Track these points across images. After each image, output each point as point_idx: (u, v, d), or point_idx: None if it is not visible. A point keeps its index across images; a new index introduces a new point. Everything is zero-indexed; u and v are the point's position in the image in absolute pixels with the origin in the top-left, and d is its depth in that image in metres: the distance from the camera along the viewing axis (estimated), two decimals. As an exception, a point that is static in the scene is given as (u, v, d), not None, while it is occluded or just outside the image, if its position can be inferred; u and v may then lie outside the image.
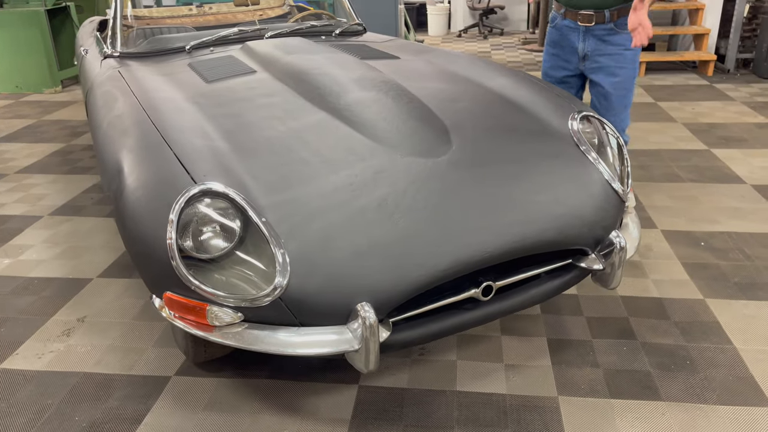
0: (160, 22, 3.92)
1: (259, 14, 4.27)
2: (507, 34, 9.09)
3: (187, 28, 3.64)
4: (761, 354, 2.06)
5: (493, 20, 9.43)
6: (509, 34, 9.14)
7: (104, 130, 2.08)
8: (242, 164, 1.72)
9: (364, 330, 1.42)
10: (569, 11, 2.57)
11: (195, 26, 3.96)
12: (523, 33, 9.07)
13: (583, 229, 1.72)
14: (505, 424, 1.81)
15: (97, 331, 2.31)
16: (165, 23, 3.97)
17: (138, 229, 1.61)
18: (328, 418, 1.85)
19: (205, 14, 4.21)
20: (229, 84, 2.29)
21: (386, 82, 2.12)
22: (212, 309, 1.51)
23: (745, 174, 3.64)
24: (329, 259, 1.51)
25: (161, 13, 4.05)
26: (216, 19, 4.19)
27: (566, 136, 2.00)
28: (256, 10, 4.27)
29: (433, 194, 1.66)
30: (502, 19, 9.48)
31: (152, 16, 3.97)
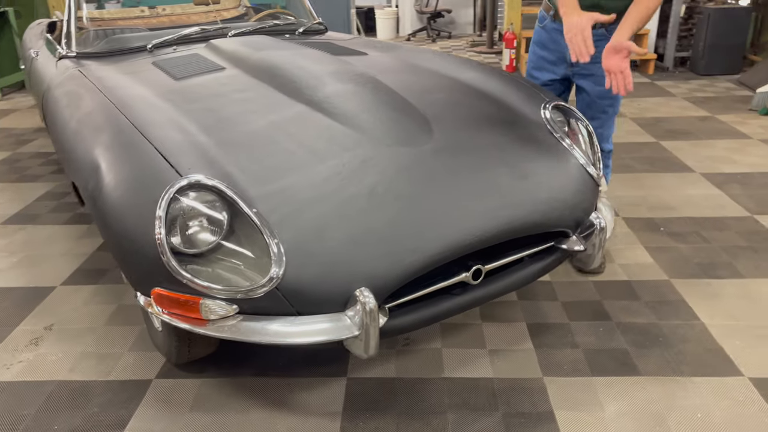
0: (113, 23, 3.81)
1: (214, 15, 4.22)
2: (455, 37, 9.24)
3: (140, 30, 3.56)
4: (727, 328, 2.17)
5: (440, 24, 9.57)
6: (457, 37, 9.30)
7: (73, 129, 2.01)
8: (226, 157, 1.70)
9: (364, 315, 1.43)
10: (559, 14, 2.32)
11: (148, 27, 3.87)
12: (471, 36, 9.24)
13: (565, 211, 1.77)
14: (495, 407, 1.84)
15: (67, 339, 2.22)
16: (118, 24, 3.87)
17: (122, 226, 1.57)
18: (320, 411, 1.84)
19: (158, 15, 4.12)
20: (199, 81, 2.25)
21: (362, 75, 2.13)
22: (206, 302, 1.48)
23: (693, 164, 3.82)
24: (324, 248, 1.50)
25: (113, 14, 3.94)
26: (170, 21, 4.10)
27: (540, 124, 2.05)
28: (210, 12, 4.21)
29: (420, 181, 1.68)
30: (449, 23, 9.64)
31: (104, 18, 3.85)
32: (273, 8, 5.45)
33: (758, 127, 4.51)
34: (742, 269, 2.56)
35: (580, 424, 1.76)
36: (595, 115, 2.40)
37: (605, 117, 2.40)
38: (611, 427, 1.74)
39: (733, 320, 2.21)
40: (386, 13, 9.35)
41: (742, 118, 4.74)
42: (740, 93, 5.54)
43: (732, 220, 3.02)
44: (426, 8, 9.17)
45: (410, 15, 9.61)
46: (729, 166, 3.75)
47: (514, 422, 1.77)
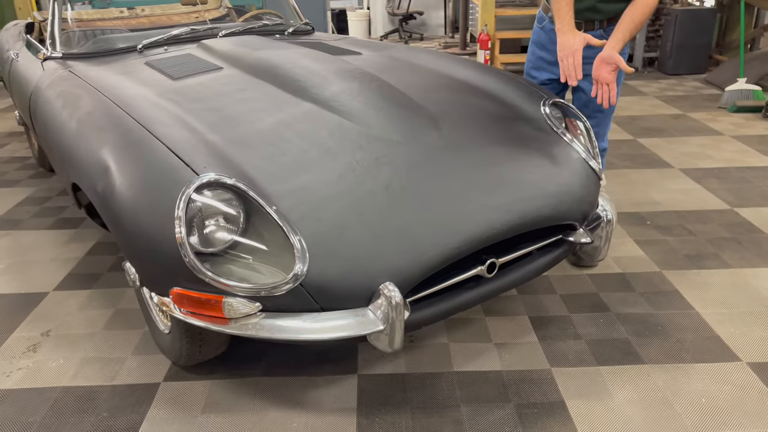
0: (93, 24, 3.74)
1: (195, 16, 4.17)
2: (427, 39, 9.31)
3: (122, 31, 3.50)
4: (721, 315, 2.24)
5: (412, 26, 9.63)
6: (429, 39, 9.36)
7: (74, 129, 1.97)
8: (238, 155, 1.69)
9: (390, 309, 1.44)
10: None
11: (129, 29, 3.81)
12: (443, 38, 9.32)
13: (573, 204, 1.82)
14: (506, 398, 1.87)
15: (66, 344, 2.18)
16: (98, 25, 3.80)
17: (138, 226, 1.55)
18: (334, 408, 1.84)
19: (137, 16, 4.06)
20: (198, 80, 2.23)
21: (365, 74, 2.14)
22: (228, 301, 1.47)
23: (671, 159, 3.93)
24: (346, 243, 1.51)
25: (92, 15, 3.87)
26: (150, 22, 4.04)
27: (540, 120, 2.10)
28: (191, 12, 4.16)
29: (434, 176, 1.70)
30: (420, 25, 9.70)
31: (83, 19, 3.78)
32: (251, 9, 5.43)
33: (729, 124, 4.66)
34: (728, 259, 2.65)
35: (592, 413, 1.80)
36: (591, 114, 2.44)
37: (601, 116, 2.44)
38: (621, 415, 1.79)
39: (725, 308, 2.29)
40: (358, 15, 9.36)
41: (712, 116, 4.89)
42: (708, 91, 5.72)
43: (714, 213, 3.13)
44: (398, 10, 9.21)
45: (382, 17, 9.65)
46: (705, 162, 3.87)
47: (527, 413, 1.81)
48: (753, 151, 4.05)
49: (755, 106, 4.88)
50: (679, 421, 1.76)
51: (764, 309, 2.28)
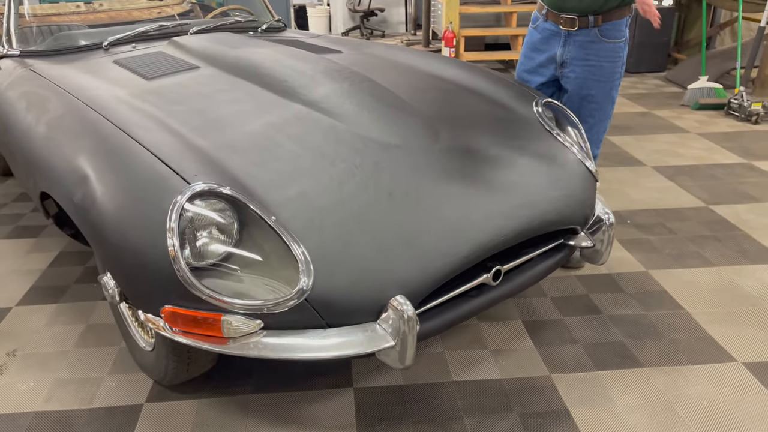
0: (48, 19, 3.52)
1: (157, 11, 3.99)
2: (388, 36, 9.24)
3: (80, 26, 3.32)
4: (710, 315, 2.25)
5: (373, 23, 9.54)
6: (390, 36, 9.30)
7: (42, 134, 1.82)
8: (230, 162, 1.59)
9: (402, 324, 1.36)
10: (551, 13, 2.36)
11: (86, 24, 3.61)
12: (404, 35, 9.27)
13: (576, 208, 1.78)
14: (509, 408, 1.82)
15: (35, 365, 2.02)
16: (53, 21, 3.58)
17: (124, 240, 1.43)
18: (333, 425, 1.76)
19: (95, 11, 3.85)
20: (174, 81, 2.10)
21: (355, 74, 2.05)
22: (227, 319, 1.37)
23: (643, 157, 3.97)
24: (351, 255, 1.42)
25: (46, 10, 3.64)
26: (109, 17, 3.84)
27: (534, 121, 2.05)
28: (153, 8, 3.98)
29: (437, 181, 1.63)
30: (381, 22, 9.62)
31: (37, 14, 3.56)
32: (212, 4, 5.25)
33: (693, 121, 4.75)
34: (710, 258, 2.67)
35: (596, 420, 1.76)
36: (583, 119, 2.41)
37: (592, 122, 2.40)
38: (626, 421, 1.76)
39: (714, 308, 2.30)
40: (318, 11, 9.22)
41: (677, 113, 4.98)
42: (670, 89, 5.83)
43: (690, 210, 3.16)
44: (358, 7, 9.11)
45: (342, 13, 9.53)
46: (676, 159, 3.92)
47: (532, 423, 1.76)
48: (719, 148, 4.12)
49: (717, 104, 4.99)
50: (683, 426, 1.74)
51: (751, 308, 2.29)
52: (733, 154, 4.00)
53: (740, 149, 4.08)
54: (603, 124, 2.47)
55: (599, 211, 1.87)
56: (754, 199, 3.27)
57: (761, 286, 2.43)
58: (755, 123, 4.62)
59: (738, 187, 3.44)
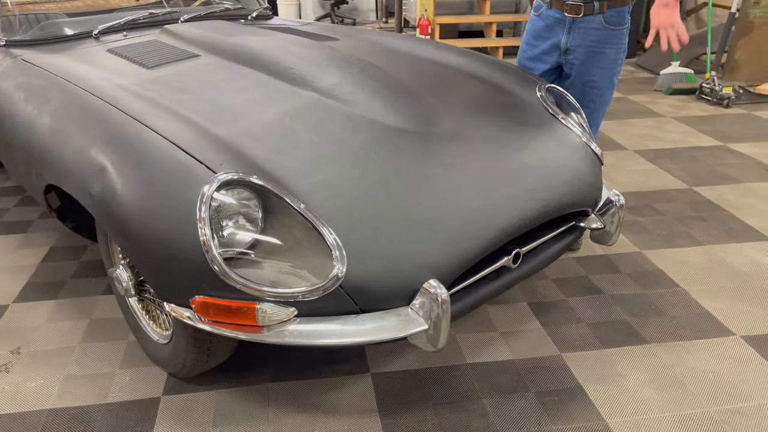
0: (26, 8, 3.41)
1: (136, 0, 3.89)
2: (360, 24, 9.19)
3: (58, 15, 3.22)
4: (705, 292, 2.33)
5: (344, 11, 9.48)
6: (362, 23, 9.26)
7: (47, 126, 1.78)
8: (251, 150, 1.57)
9: (436, 307, 1.38)
10: (556, 0, 2.35)
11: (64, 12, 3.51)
12: (376, 22, 9.24)
13: (587, 190, 1.82)
14: (525, 387, 1.86)
15: (42, 362, 1.98)
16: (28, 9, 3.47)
17: (150, 232, 1.41)
18: (355, 410, 1.77)
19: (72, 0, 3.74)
20: (176, 70, 2.07)
21: (360, 60, 2.05)
22: (262, 307, 1.37)
23: (624, 141, 4.06)
24: (382, 240, 1.44)
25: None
26: (86, 5, 3.73)
27: (538, 105, 2.08)
28: (131, -4, 3.88)
29: (456, 166, 1.65)
30: (352, 10, 9.56)
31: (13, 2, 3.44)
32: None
33: (668, 106, 4.87)
34: (698, 237, 2.76)
35: (610, 396, 1.82)
36: (582, 104, 2.44)
37: (593, 107, 2.44)
38: (639, 396, 1.82)
39: (707, 284, 2.38)
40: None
41: (651, 98, 5.10)
42: (641, 75, 5.96)
43: (675, 192, 3.25)
44: (329, -6, 9.04)
45: (312, 1, 9.44)
46: (655, 143, 4.02)
47: (549, 401, 1.80)
48: (695, 131, 4.25)
49: (689, 89, 5.12)
50: (693, 399, 1.80)
51: (741, 283, 2.38)
52: (709, 137, 4.12)
53: (715, 132, 4.21)
54: (602, 109, 2.51)
55: (609, 192, 1.92)
56: (733, 180, 3.39)
57: (749, 263, 2.53)
58: (726, 107, 4.76)
59: (717, 168, 3.56)
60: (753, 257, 2.58)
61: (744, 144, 3.97)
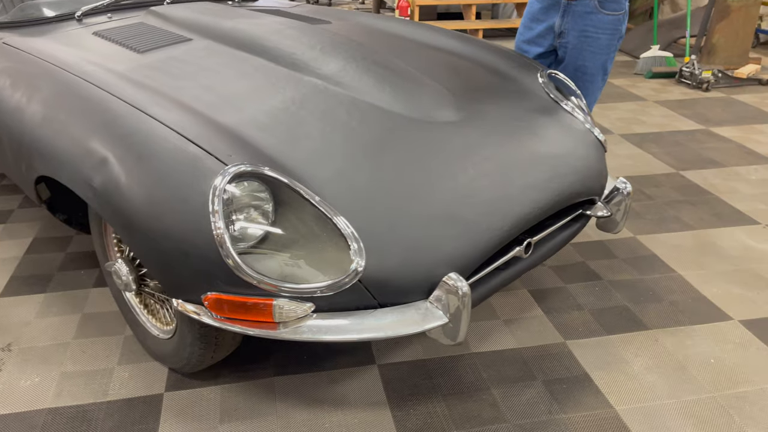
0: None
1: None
2: (336, 4, 9.06)
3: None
4: (700, 276, 2.36)
5: (318, -10, 9.32)
6: (337, 4, 9.12)
7: (39, 114, 1.69)
8: (260, 140, 1.52)
9: (457, 300, 1.36)
10: None
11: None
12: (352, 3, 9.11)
13: (595, 178, 1.81)
14: (532, 376, 1.86)
15: (36, 359, 1.91)
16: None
17: (159, 226, 1.35)
18: (364, 402, 1.75)
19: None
20: (169, 54, 1.99)
21: (362, 46, 2.00)
22: (279, 303, 1.33)
23: (609, 125, 4.08)
24: (401, 233, 1.40)
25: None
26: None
27: (540, 92, 2.06)
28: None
29: (468, 156, 1.62)
30: (327, -10, 9.42)
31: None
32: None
33: (649, 89, 4.91)
34: (689, 221, 2.79)
35: (616, 383, 1.83)
36: (578, 86, 2.43)
37: (584, 92, 2.44)
38: (644, 382, 1.83)
39: (702, 269, 2.41)
40: (262, -21, 8.91)
41: (632, 82, 5.13)
42: (621, 58, 6.00)
43: (662, 176, 3.28)
44: (304, -26, 8.87)
45: (286, -19, 9.25)
46: (639, 127, 4.05)
47: (557, 389, 1.81)
48: (677, 115, 4.29)
49: (669, 72, 5.17)
50: (697, 384, 1.83)
51: (734, 267, 2.42)
52: (691, 121, 4.17)
53: (697, 116, 4.26)
54: (594, 95, 2.51)
55: (616, 180, 1.91)
56: (718, 164, 3.43)
57: (740, 247, 2.57)
58: (706, 90, 4.82)
59: (701, 152, 3.60)
60: (743, 241, 2.62)
61: (725, 128, 4.02)
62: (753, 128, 4.02)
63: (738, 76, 5.00)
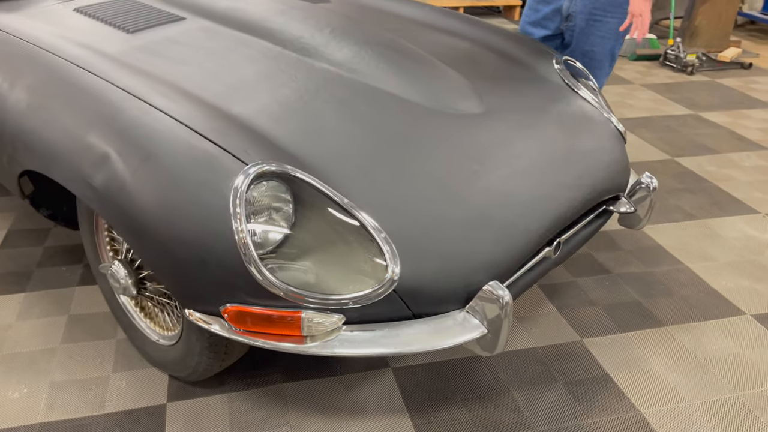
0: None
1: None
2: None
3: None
4: (708, 269, 2.33)
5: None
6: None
7: (24, 103, 1.52)
8: (277, 134, 1.39)
9: (498, 310, 1.27)
10: None
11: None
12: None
13: (622, 173, 1.74)
14: (552, 377, 1.80)
15: (21, 367, 1.77)
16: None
17: (171, 230, 1.22)
18: (382, 409, 1.66)
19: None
20: (163, 35, 1.83)
21: (373, 30, 1.87)
22: (308, 316, 1.22)
23: (598, 110, 4.02)
24: (435, 237, 1.30)
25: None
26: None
27: (557, 80, 1.97)
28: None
29: (496, 152, 1.53)
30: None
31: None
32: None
33: (634, 72, 4.87)
34: (690, 210, 2.76)
35: (638, 384, 1.78)
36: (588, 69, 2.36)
37: (599, 73, 2.37)
38: (667, 382, 1.79)
39: (709, 261, 2.38)
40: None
41: (617, 64, 5.09)
42: (603, 39, 5.94)
43: (657, 163, 3.24)
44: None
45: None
46: (629, 111, 4.01)
47: (579, 390, 1.75)
48: (665, 99, 4.26)
49: (653, 55, 5.14)
50: (718, 383, 1.79)
51: (739, 259, 2.40)
52: (679, 105, 4.15)
53: (684, 100, 4.24)
54: (601, 81, 2.44)
55: (646, 176, 1.83)
56: (711, 151, 3.41)
57: (743, 237, 2.55)
58: (690, 74, 4.81)
59: (694, 138, 3.58)
60: (745, 231, 2.60)
61: (714, 113, 4.01)
62: (741, 113, 4.02)
63: (722, 60, 5.01)
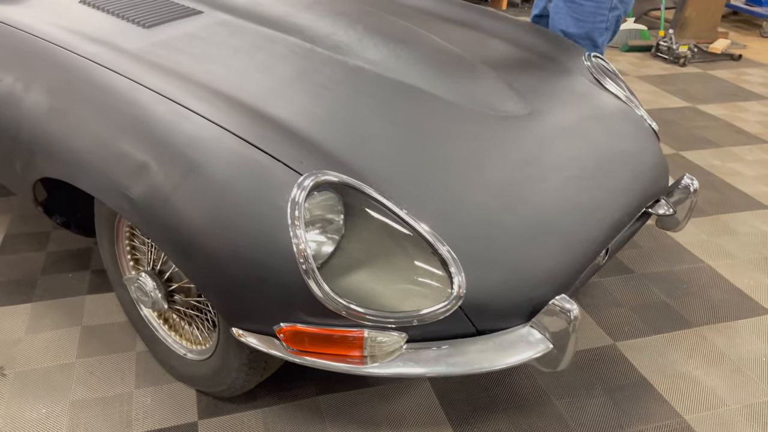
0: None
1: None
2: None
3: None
4: (731, 266, 2.32)
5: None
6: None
7: (42, 106, 1.41)
8: (324, 141, 1.31)
9: (566, 324, 1.22)
10: None
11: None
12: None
13: (664, 174, 1.70)
14: (591, 383, 1.76)
15: (38, 385, 1.66)
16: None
17: (225, 246, 1.14)
18: (423, 422, 1.61)
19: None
20: (183, 30, 1.72)
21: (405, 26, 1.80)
22: (371, 336, 1.15)
23: (598, 102, 4.00)
24: (498, 249, 1.24)
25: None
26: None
27: (592, 80, 1.92)
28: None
29: (556, 158, 1.47)
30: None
31: None
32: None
33: (628, 63, 4.87)
34: (702, 206, 2.75)
35: (678, 388, 1.75)
36: None
37: None
38: (706, 386, 1.77)
39: (729, 258, 2.37)
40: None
41: (610, 56, 5.08)
42: (592, 30, 5.93)
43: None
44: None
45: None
46: (628, 104, 3.99)
47: (620, 396, 1.72)
48: (661, 91, 4.26)
49: (644, 46, 5.14)
50: (756, 385, 1.78)
51: (758, 256, 2.39)
52: (675, 97, 4.15)
53: (680, 92, 4.24)
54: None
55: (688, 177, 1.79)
56: (714, 144, 3.42)
57: (758, 234, 2.55)
58: (682, 65, 4.82)
59: (695, 131, 3.58)
60: (758, 227, 2.60)
61: (711, 105, 4.02)
62: (737, 106, 4.04)
63: (712, 51, 5.03)
